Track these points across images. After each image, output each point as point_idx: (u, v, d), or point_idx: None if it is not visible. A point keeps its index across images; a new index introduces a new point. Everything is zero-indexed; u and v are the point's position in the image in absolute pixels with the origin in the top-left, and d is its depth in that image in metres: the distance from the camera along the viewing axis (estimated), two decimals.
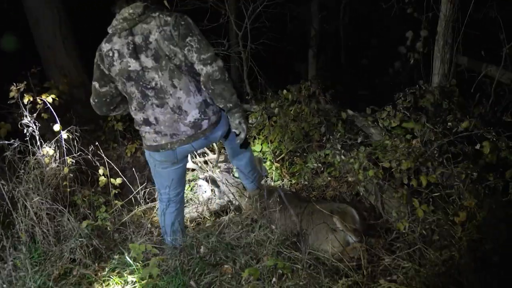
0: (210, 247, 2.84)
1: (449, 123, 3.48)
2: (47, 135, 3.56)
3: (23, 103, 3.32)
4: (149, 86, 2.45)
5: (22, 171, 3.24)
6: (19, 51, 5.64)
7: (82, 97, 5.32)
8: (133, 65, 2.43)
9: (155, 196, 4.02)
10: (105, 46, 2.48)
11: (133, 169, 3.83)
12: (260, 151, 4.14)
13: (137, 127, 2.65)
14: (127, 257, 2.84)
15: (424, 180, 2.89)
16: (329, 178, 3.72)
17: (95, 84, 2.56)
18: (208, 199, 3.81)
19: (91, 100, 2.65)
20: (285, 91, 4.20)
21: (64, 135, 3.50)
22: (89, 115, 5.12)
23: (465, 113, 3.87)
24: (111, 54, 2.45)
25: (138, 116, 2.56)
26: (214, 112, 2.62)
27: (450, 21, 4.31)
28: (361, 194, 3.45)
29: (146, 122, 2.54)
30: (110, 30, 2.49)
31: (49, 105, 3.44)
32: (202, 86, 2.49)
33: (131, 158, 4.44)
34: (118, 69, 2.46)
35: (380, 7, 6.15)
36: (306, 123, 4.02)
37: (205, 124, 2.58)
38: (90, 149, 3.57)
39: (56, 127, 3.41)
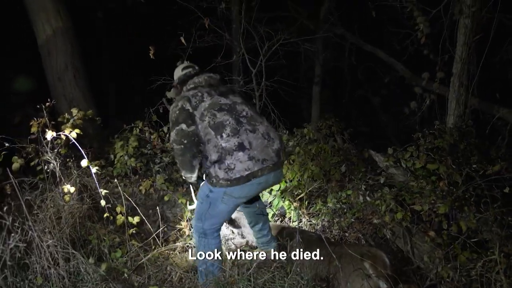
0: None
1: (474, 165, 3.45)
2: (64, 171, 3.43)
3: (44, 138, 3.20)
4: (241, 115, 2.74)
5: (37, 210, 3.10)
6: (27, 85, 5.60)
7: (91, 131, 5.24)
8: (224, 100, 2.77)
9: (170, 236, 3.91)
10: (189, 93, 2.78)
11: (157, 207, 3.71)
12: (278, 190, 4.04)
13: (225, 159, 2.62)
14: None
15: (464, 226, 2.81)
16: (352, 220, 3.63)
17: (182, 126, 2.66)
18: (227, 239, 3.67)
19: (178, 145, 2.68)
20: (305, 129, 4.16)
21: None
22: (98, 149, 5.06)
23: (484, 155, 3.86)
24: (199, 95, 2.75)
25: (232, 142, 2.62)
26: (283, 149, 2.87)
27: (465, 63, 4.36)
28: (388, 237, 3.35)
29: (241, 146, 2.62)
30: (191, 86, 2.88)
31: (74, 140, 3.33)
32: None
33: (145, 195, 4.31)
34: (209, 104, 2.72)
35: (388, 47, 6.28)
36: (325, 161, 3.96)
37: (281, 155, 2.80)
38: (108, 186, 3.45)
39: (84, 162, 3.28)
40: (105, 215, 3.52)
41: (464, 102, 4.50)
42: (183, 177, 3.07)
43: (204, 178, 2.90)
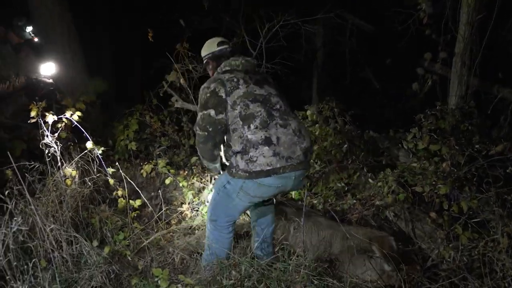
0: (242, 273, 2.71)
1: (476, 146, 3.45)
2: (65, 155, 3.43)
3: (44, 122, 3.18)
4: (274, 108, 2.59)
5: (39, 194, 3.11)
6: None
7: (91, 115, 5.21)
8: (259, 91, 2.61)
9: (171, 218, 3.92)
10: (225, 76, 2.63)
11: (158, 191, 3.70)
12: None
13: (248, 151, 2.47)
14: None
15: (465, 206, 2.81)
16: (354, 201, 3.63)
17: (210, 112, 2.54)
18: None
19: (202, 131, 2.58)
20: (308, 111, 4.13)
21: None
22: (99, 133, 5.05)
23: (485, 135, 3.84)
24: (235, 80, 2.59)
25: (259, 135, 2.48)
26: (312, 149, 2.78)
27: (468, 43, 4.32)
28: (390, 219, 3.36)
29: (267, 141, 2.48)
30: (226, 68, 2.71)
31: (76, 123, 3.32)
32: None
33: (146, 179, 4.31)
34: (243, 92, 2.56)
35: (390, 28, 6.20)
36: (328, 142, 3.94)
37: (308, 155, 2.64)
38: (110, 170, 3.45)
39: (89, 144, 3.28)
40: (114, 194, 3.53)
41: (466, 83, 4.47)
42: (204, 166, 3.04)
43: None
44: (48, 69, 3.94)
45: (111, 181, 3.35)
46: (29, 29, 3.92)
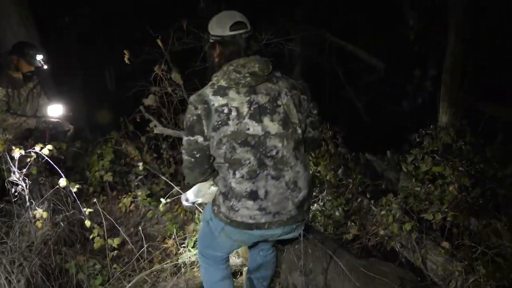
0: None
1: (480, 165, 3.28)
2: (35, 193, 3.06)
3: (11, 157, 2.80)
4: (269, 155, 2.07)
5: (5, 239, 2.72)
6: None
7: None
8: (254, 128, 2.03)
9: (154, 256, 3.56)
10: (215, 99, 2.02)
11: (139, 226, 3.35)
12: None
13: (230, 199, 2.10)
14: None
15: (485, 234, 2.59)
16: (354, 230, 3.37)
17: (198, 138, 2.07)
18: None
19: (188, 157, 2.13)
20: None
21: None
22: (70, 164, 4.66)
23: (480, 153, 3.69)
24: (226, 111, 2.01)
25: (243, 186, 2.06)
26: (311, 197, 2.34)
27: (459, 57, 4.23)
28: (396, 249, 3.11)
29: (253, 195, 2.07)
30: (223, 82, 2.04)
31: (47, 158, 2.93)
32: None
33: (124, 213, 3.95)
34: (231, 131, 2.02)
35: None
36: (321, 166, 3.70)
37: (305, 205, 2.21)
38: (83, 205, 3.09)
39: (62, 182, 2.87)
40: (91, 236, 3.16)
41: (457, 100, 4.36)
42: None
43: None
44: (55, 111, 3.87)
45: (88, 222, 2.97)
46: (39, 57, 3.75)
